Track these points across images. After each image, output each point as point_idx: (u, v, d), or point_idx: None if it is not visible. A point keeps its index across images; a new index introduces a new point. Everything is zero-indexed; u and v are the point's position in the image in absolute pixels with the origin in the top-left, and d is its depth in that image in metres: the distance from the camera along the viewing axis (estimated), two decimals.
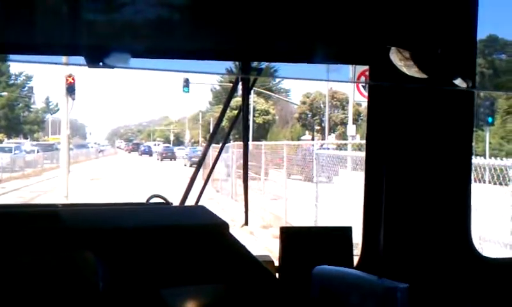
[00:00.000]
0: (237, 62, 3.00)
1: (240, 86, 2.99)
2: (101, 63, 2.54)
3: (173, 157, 50.68)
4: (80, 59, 2.59)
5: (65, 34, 2.55)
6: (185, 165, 41.57)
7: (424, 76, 2.44)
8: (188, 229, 2.28)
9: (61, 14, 2.41)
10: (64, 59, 3.31)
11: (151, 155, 57.82)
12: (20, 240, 2.06)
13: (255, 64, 2.90)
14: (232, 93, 3.04)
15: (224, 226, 2.26)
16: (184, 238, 2.21)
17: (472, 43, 2.66)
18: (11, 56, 2.88)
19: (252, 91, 3.26)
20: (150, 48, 2.63)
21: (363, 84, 16.03)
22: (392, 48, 2.47)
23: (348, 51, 2.80)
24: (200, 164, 3.15)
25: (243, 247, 2.28)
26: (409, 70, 2.46)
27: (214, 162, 3.33)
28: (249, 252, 2.31)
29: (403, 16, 2.43)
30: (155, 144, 68.25)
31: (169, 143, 77.28)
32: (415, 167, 2.72)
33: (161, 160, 49.83)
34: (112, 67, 2.52)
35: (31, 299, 1.97)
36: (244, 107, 2.97)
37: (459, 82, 2.44)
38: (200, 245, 2.21)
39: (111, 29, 2.50)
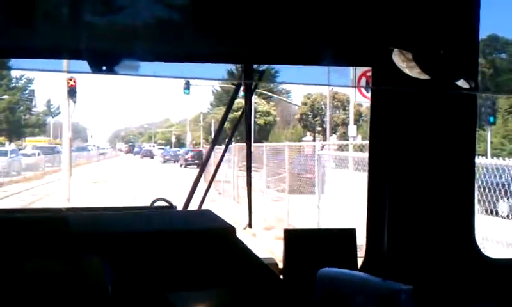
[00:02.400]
0: (239, 65, 3.00)
1: (242, 88, 2.99)
2: (104, 67, 2.55)
3: (151, 156, 65.53)
4: (84, 64, 2.60)
5: (68, 39, 2.56)
6: (160, 161, 53.95)
7: (427, 77, 2.44)
8: (195, 233, 2.29)
9: (64, 19, 2.42)
10: (66, 63, 3.32)
11: None
12: (28, 245, 2.06)
13: (255, 66, 2.91)
14: (234, 95, 3.04)
15: (231, 230, 2.26)
16: (191, 243, 2.22)
17: (474, 44, 2.66)
18: (14, 62, 2.88)
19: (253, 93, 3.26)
20: (153, 52, 2.63)
21: (364, 86, 16.00)
22: (395, 49, 2.47)
23: (351, 53, 2.80)
24: (203, 167, 3.15)
25: (250, 250, 2.28)
26: (412, 71, 2.46)
27: (217, 165, 3.34)
28: (256, 255, 2.31)
29: (405, 18, 2.43)
30: (150, 146, 77.79)
31: (171, 145, 77.95)
32: (418, 168, 2.71)
33: (142, 157, 65.59)
34: (116, 73, 2.53)
35: (41, 304, 1.97)
36: (247, 109, 2.98)
37: (461, 83, 2.44)
38: (207, 249, 2.21)
39: (114, 34, 2.50)
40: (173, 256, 2.17)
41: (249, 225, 3.08)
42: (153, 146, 76.56)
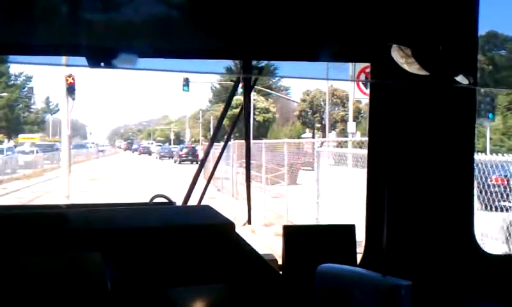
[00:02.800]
0: (237, 61, 3.00)
1: (241, 85, 2.99)
2: (102, 63, 2.54)
3: (148, 153, 70.00)
4: (82, 60, 2.59)
5: (66, 34, 2.55)
6: (156, 158, 58.68)
7: (426, 73, 2.44)
8: (194, 229, 2.29)
9: (62, 14, 2.41)
10: (64, 59, 3.31)
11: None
12: (27, 242, 2.06)
13: (254, 62, 2.90)
14: (233, 92, 3.04)
15: (230, 225, 2.26)
16: (191, 238, 2.22)
17: (473, 40, 2.66)
18: (12, 57, 2.88)
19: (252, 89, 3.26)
20: (151, 48, 2.63)
21: (364, 81, 16.02)
22: (394, 45, 2.46)
23: (350, 49, 2.80)
24: (202, 164, 3.15)
25: (249, 246, 2.28)
26: (411, 67, 2.45)
27: (216, 161, 3.34)
28: (255, 251, 2.31)
29: (404, 14, 2.42)
30: (148, 143, 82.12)
31: (170, 142, 78.72)
32: (418, 164, 2.71)
33: (139, 154, 70.54)
34: (114, 67, 2.52)
35: (40, 301, 1.97)
36: (246, 105, 2.97)
37: (460, 78, 2.43)
38: (206, 245, 2.21)
39: (112, 29, 2.50)
40: (173, 251, 2.17)
41: (249, 222, 3.08)
42: (151, 143, 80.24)
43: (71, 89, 24.04)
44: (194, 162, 42.50)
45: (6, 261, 1.98)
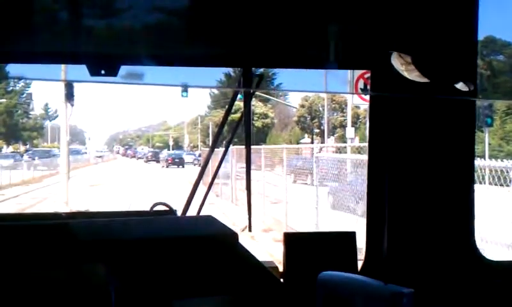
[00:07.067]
0: (237, 69, 3.00)
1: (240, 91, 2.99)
2: (103, 71, 2.54)
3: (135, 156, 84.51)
4: (82, 68, 2.59)
5: (66, 42, 2.56)
6: (136, 159, 74.83)
7: (426, 80, 2.44)
8: (198, 239, 2.28)
9: (62, 22, 2.42)
10: (63, 72, 3.31)
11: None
12: (30, 255, 2.06)
13: (253, 69, 2.90)
14: (233, 99, 3.04)
15: (234, 235, 2.26)
16: (194, 249, 2.22)
17: (472, 48, 2.66)
18: (13, 69, 2.87)
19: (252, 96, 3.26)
20: (152, 56, 2.63)
21: (362, 87, 16.02)
22: (393, 52, 2.47)
23: (350, 56, 2.80)
24: (202, 171, 3.15)
25: (252, 256, 2.28)
26: (411, 74, 2.46)
27: (216, 168, 3.33)
28: (257, 260, 2.31)
29: (404, 21, 2.43)
30: (141, 149, 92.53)
31: (168, 148, 79.24)
32: (418, 171, 2.72)
33: (130, 158, 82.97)
34: (114, 76, 2.52)
35: None
36: (246, 112, 2.97)
37: (460, 86, 2.44)
38: (209, 256, 2.21)
39: (112, 37, 2.50)
40: (176, 262, 2.16)
41: (249, 228, 3.08)
42: (142, 149, 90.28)
43: (70, 95, 24.02)
44: (157, 162, 59.75)
45: (10, 273, 1.98)
